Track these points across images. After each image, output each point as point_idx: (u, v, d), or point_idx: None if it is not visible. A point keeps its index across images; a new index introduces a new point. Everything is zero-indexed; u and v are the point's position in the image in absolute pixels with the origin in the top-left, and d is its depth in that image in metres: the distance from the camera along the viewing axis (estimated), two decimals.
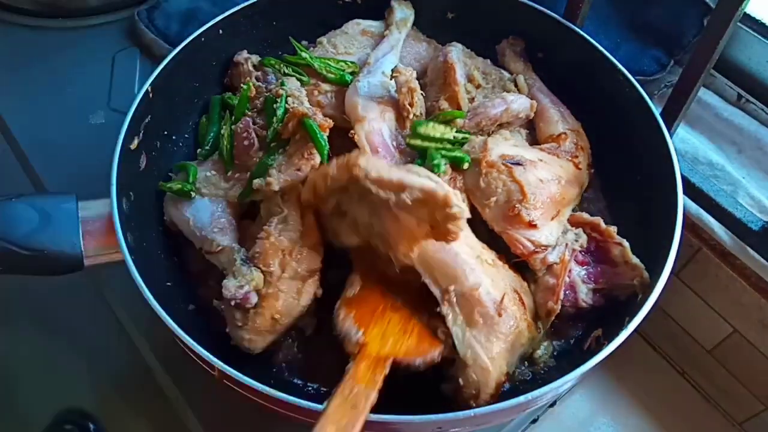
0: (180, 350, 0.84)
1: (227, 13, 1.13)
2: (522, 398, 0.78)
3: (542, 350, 0.94)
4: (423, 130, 0.98)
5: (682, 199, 0.93)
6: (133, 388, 1.15)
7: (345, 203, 0.88)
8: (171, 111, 1.09)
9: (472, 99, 1.08)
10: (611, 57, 1.08)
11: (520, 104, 1.06)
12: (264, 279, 0.88)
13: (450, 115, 1.02)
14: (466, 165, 0.96)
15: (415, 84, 1.03)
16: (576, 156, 1.04)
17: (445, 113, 1.03)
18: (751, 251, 1.09)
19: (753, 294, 1.13)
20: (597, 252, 0.96)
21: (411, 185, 0.78)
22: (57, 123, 1.30)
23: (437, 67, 1.11)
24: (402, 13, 1.21)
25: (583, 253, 0.96)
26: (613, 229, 0.96)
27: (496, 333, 0.85)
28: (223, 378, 0.81)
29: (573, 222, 0.99)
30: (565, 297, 0.92)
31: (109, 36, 1.42)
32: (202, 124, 1.12)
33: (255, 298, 0.87)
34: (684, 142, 1.20)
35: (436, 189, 0.77)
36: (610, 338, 0.83)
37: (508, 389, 0.89)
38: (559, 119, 1.10)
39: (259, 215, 0.98)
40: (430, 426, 0.78)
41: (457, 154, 0.97)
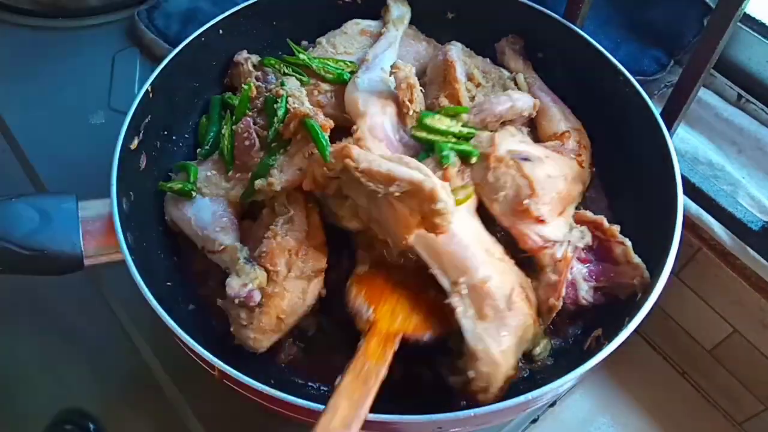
0: (180, 350, 0.84)
1: (227, 13, 1.12)
2: (522, 398, 0.78)
3: (541, 348, 0.94)
4: (429, 122, 0.97)
5: (682, 199, 0.93)
6: (133, 388, 1.15)
7: (345, 187, 0.88)
8: (171, 111, 1.09)
9: (473, 98, 1.08)
10: (611, 57, 1.08)
11: (524, 102, 1.06)
12: (269, 278, 0.88)
13: (453, 111, 1.01)
14: (474, 159, 0.95)
15: (415, 80, 1.02)
16: (579, 154, 1.04)
17: (449, 108, 1.02)
18: (751, 251, 1.09)
19: (753, 294, 1.13)
20: (599, 250, 0.96)
21: (400, 177, 0.78)
22: (57, 123, 1.30)
23: (437, 66, 1.11)
24: (398, 11, 1.20)
25: (585, 251, 0.96)
26: (616, 228, 0.95)
27: (507, 327, 0.84)
28: (223, 378, 0.81)
29: (577, 220, 0.98)
30: (566, 294, 0.92)
31: (109, 36, 1.42)
32: (202, 124, 1.12)
33: (259, 297, 0.87)
34: (684, 142, 1.20)
35: (424, 182, 0.78)
36: (610, 338, 0.82)
37: (508, 389, 0.89)
38: (562, 118, 1.10)
39: (261, 215, 0.98)
40: (430, 426, 0.78)
41: (466, 148, 0.96)
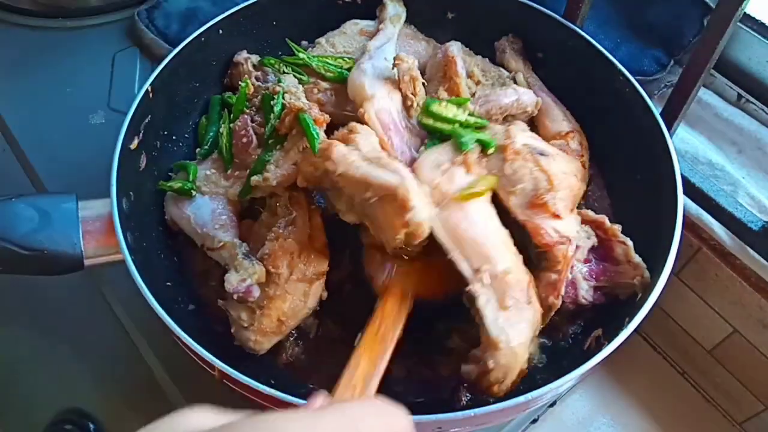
0: (180, 350, 0.84)
1: (227, 13, 1.12)
2: (522, 398, 0.78)
3: (534, 347, 0.92)
4: (436, 109, 0.96)
5: (682, 199, 0.93)
6: (133, 388, 1.14)
7: (330, 191, 0.88)
8: (171, 111, 1.09)
9: (473, 94, 1.08)
10: (611, 57, 1.08)
11: (529, 98, 1.06)
12: (271, 281, 0.88)
13: (455, 102, 1.00)
14: (491, 150, 0.93)
15: (417, 73, 1.01)
16: (582, 155, 1.05)
17: (451, 100, 1.01)
18: (751, 251, 1.09)
19: (753, 294, 1.13)
20: (600, 249, 0.96)
21: (373, 183, 0.79)
22: (57, 123, 1.30)
23: (437, 63, 1.10)
24: (395, 10, 1.20)
25: (586, 251, 0.95)
26: (618, 228, 0.95)
27: (525, 320, 0.83)
28: (223, 378, 0.81)
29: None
30: (566, 293, 0.91)
31: (109, 36, 1.42)
32: (202, 124, 1.12)
33: (257, 292, 0.87)
34: (684, 142, 1.20)
35: (397, 189, 0.79)
36: (610, 338, 0.82)
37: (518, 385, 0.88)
38: (564, 118, 1.10)
39: (262, 215, 0.98)
40: (430, 426, 0.77)
41: (483, 137, 0.93)
